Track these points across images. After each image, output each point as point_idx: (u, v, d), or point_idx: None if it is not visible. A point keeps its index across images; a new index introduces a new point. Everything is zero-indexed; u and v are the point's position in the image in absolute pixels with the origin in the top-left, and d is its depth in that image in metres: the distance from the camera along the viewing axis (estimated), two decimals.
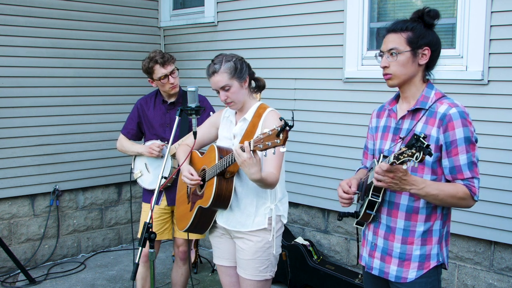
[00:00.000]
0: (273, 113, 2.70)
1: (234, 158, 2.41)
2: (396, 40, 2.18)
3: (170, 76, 3.49)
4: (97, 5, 5.19)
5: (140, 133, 3.74)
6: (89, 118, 5.21)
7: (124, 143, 3.72)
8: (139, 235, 3.65)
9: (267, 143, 2.21)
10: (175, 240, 3.73)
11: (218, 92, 2.69)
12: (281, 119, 2.18)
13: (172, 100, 3.62)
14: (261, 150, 2.25)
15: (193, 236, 3.67)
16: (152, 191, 3.57)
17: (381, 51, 2.24)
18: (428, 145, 1.84)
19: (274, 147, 2.20)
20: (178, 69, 3.56)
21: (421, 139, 1.85)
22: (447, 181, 2.17)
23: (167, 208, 3.62)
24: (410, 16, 2.23)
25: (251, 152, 2.31)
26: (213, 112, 3.37)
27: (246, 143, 2.31)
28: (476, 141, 2.16)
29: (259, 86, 2.84)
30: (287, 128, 2.15)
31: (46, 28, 4.89)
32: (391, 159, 1.94)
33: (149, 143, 3.59)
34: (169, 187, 3.56)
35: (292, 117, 2.22)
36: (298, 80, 4.54)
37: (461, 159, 2.11)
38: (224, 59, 2.66)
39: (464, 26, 3.55)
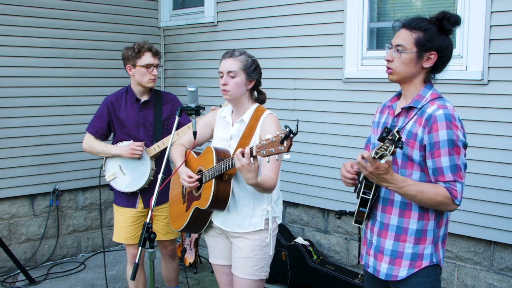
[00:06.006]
0: (271, 116, 2.70)
1: (234, 162, 2.41)
2: (405, 38, 2.17)
3: (155, 68, 3.45)
4: (97, 5, 5.20)
5: (108, 132, 3.62)
6: (89, 118, 5.11)
7: (94, 144, 3.56)
8: (114, 238, 3.63)
9: (270, 149, 2.22)
10: (161, 242, 3.67)
11: (221, 77, 2.70)
12: (286, 127, 2.19)
13: (145, 98, 3.53)
14: (264, 156, 2.25)
15: (173, 236, 3.65)
16: (130, 194, 3.52)
17: (391, 44, 2.23)
18: (399, 138, 1.82)
19: (277, 153, 2.21)
20: (162, 66, 3.54)
21: (393, 132, 1.84)
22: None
23: (144, 211, 3.56)
24: (432, 15, 2.20)
25: (252, 158, 2.32)
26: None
27: (247, 149, 2.32)
28: (464, 145, 2.13)
29: (261, 100, 2.84)
30: (291, 135, 2.16)
31: (46, 28, 4.89)
32: (372, 153, 1.96)
33: (124, 143, 3.49)
34: (145, 189, 3.50)
35: (297, 125, 2.22)
36: (298, 80, 4.53)
37: (443, 161, 2.08)
38: (244, 53, 2.74)
39: (464, 26, 3.54)
